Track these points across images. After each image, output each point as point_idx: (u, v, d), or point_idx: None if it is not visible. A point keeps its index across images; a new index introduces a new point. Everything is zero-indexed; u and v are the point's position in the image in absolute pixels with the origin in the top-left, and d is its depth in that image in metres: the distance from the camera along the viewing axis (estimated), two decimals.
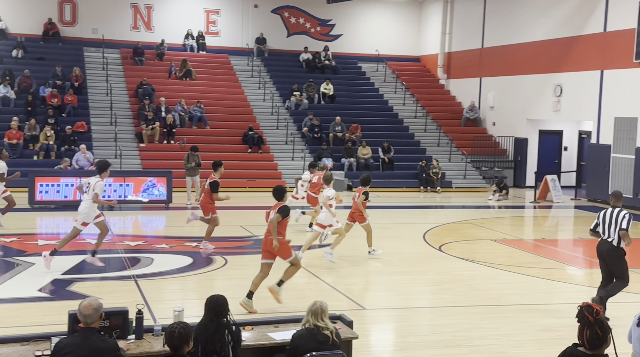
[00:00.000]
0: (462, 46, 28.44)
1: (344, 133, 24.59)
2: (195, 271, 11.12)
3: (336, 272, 11.32)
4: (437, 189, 23.00)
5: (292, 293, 9.92)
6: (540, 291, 10.45)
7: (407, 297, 10.08)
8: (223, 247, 12.96)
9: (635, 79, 19.22)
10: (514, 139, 25.04)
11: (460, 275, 11.26)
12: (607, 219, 8.98)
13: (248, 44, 29.39)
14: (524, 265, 12.11)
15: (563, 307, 9.60)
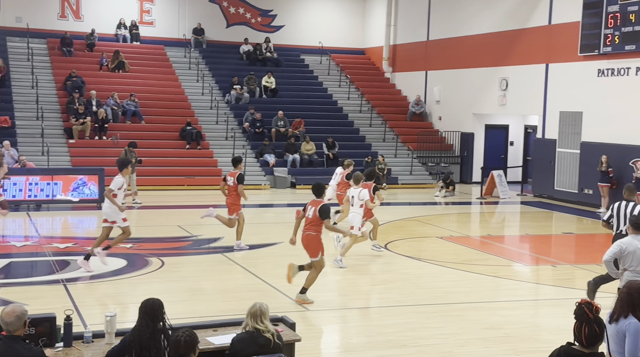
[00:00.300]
0: (407, 39, 28.79)
1: (287, 128, 24.58)
2: (130, 273, 10.93)
3: (278, 273, 11.31)
4: (382, 185, 23.20)
5: (231, 295, 9.87)
6: (486, 289, 10.68)
7: (352, 297, 10.14)
8: (159, 248, 12.78)
9: (580, 73, 19.83)
10: (460, 133, 25.51)
11: (407, 273, 11.40)
12: (622, 212, 9.45)
13: (185, 34, 29.03)
14: (471, 262, 12.35)
15: (509, 305, 9.84)
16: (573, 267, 12.39)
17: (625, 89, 18.25)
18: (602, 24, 18.68)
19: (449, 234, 15.21)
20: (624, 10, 18.04)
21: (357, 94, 28.40)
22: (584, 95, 19.74)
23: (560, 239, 15.72)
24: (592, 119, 19.52)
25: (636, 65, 17.93)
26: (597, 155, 18.75)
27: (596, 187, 18.84)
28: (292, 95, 27.25)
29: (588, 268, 11.85)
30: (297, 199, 21.01)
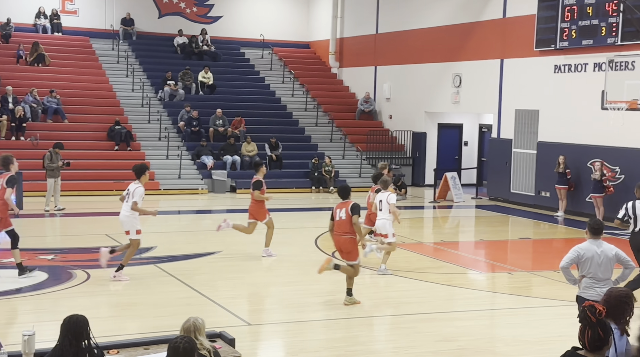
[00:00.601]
0: (355, 32, 28.99)
1: (226, 127, 24.44)
2: (52, 288, 10.68)
3: (217, 284, 11.23)
4: (330, 189, 23.31)
5: (165, 310, 9.74)
6: (440, 298, 10.82)
7: (297, 309, 10.13)
8: (85, 260, 12.53)
9: (536, 69, 20.30)
10: (411, 133, 25.81)
11: (355, 283, 11.44)
12: (638, 212, 10.09)
13: (112, 25, 28.57)
14: (423, 270, 12.49)
15: (464, 316, 9.98)
16: (530, 274, 12.66)
17: (582, 86, 18.76)
18: (558, 18, 19.16)
19: (400, 241, 15.32)
20: (580, 3, 18.55)
21: (302, 90, 28.45)
22: (541, 93, 20.21)
23: (517, 245, 16.05)
24: (549, 118, 20.00)
25: (594, 61, 18.45)
26: (554, 156, 19.22)
27: (554, 190, 19.30)
28: (231, 92, 27.10)
29: (545, 275, 12.13)
30: (237, 204, 20.90)
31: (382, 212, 12.09)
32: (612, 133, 17.49)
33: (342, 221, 9.96)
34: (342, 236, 10.00)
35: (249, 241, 14.97)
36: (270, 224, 13.25)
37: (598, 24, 18.10)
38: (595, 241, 7.26)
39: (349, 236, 9.99)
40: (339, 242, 10.08)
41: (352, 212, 9.88)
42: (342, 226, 9.99)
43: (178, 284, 11.06)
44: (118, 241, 14.19)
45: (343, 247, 10.06)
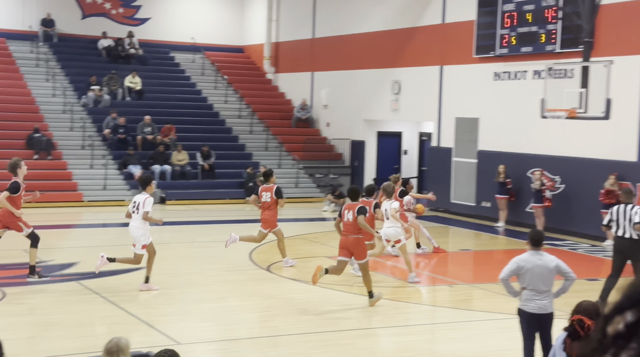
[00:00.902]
0: (291, 36, 29.06)
1: (155, 135, 24.15)
2: None
3: (146, 301, 11.06)
4: None
5: (88, 329, 9.55)
6: (379, 313, 10.89)
7: (230, 327, 10.06)
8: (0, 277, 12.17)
9: (476, 76, 20.73)
10: (350, 141, 25.98)
11: (292, 299, 11.44)
12: (622, 215, 10.69)
13: (31, 26, 27.95)
14: (361, 284, 12.54)
15: (404, 331, 10.08)
16: (470, 286, 12.87)
17: (522, 93, 19.23)
18: (497, 24, 19.62)
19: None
20: (520, 9, 19.04)
21: (236, 97, 28.34)
22: (480, 101, 20.63)
23: (457, 257, 16.29)
24: (489, 126, 20.43)
25: (533, 68, 18.94)
26: (494, 165, 19.61)
27: (494, 200, 19.69)
28: (160, 98, 26.81)
29: (486, 287, 12.35)
30: (168, 216, 20.65)
31: (390, 220, 12.68)
32: (552, 142, 17.97)
33: (350, 222, 10.80)
34: (350, 236, 10.82)
35: (179, 255, 14.81)
36: (280, 234, 13.71)
37: (537, 31, 18.60)
38: (535, 252, 7.42)
39: (356, 236, 10.79)
40: (347, 242, 10.87)
41: (357, 213, 10.71)
42: (349, 227, 10.82)
43: (102, 302, 10.85)
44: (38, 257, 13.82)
45: (351, 247, 10.85)
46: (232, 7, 31.55)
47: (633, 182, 16.49)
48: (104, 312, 10.39)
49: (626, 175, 16.64)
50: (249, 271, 13.42)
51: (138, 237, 11.43)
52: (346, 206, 11.09)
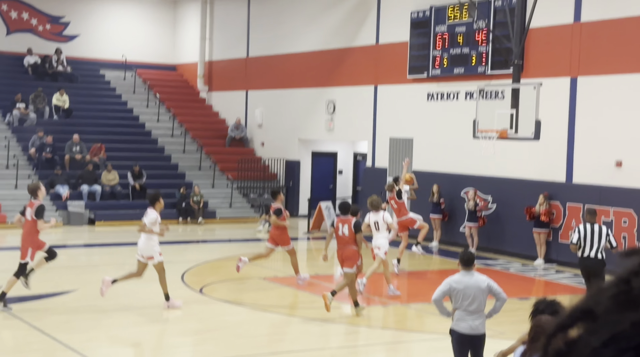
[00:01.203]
0: (225, 55, 29.00)
1: (84, 155, 23.70)
2: None
3: (72, 326, 10.78)
4: (198, 220, 23.03)
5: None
6: (314, 335, 10.87)
7: (160, 351, 9.88)
8: None
9: (410, 97, 21.03)
10: (285, 161, 25.99)
11: (225, 321, 11.33)
12: (589, 236, 11.10)
13: None
14: (297, 306, 12.53)
15: (339, 352, 10.07)
16: (404, 306, 12.96)
17: (454, 114, 19.59)
18: (430, 45, 19.99)
19: (273, 275, 15.34)
20: (452, 31, 19.45)
21: (168, 115, 28.07)
22: (414, 121, 20.93)
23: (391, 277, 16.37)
24: (423, 147, 20.72)
25: (465, 89, 19.34)
26: (428, 185, 19.88)
27: (428, 219, 19.91)
28: (90, 116, 26.36)
29: (419, 308, 12.45)
30: (97, 238, 20.26)
31: (380, 232, 13.07)
32: (484, 162, 18.33)
33: (345, 236, 11.59)
34: (346, 247, 11.60)
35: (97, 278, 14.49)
36: (293, 252, 14.01)
37: (469, 53, 19.02)
38: (467, 272, 7.53)
39: (352, 248, 11.54)
40: (344, 254, 11.65)
41: (355, 230, 11.54)
42: (345, 240, 11.64)
43: (26, 328, 10.53)
44: None
45: (345, 256, 11.57)
46: (164, 25, 31.32)
47: (562, 201, 16.94)
48: (27, 338, 10.09)
49: (555, 195, 17.08)
50: (181, 292, 13.23)
51: (149, 249, 11.78)
52: (339, 220, 11.88)
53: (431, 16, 19.91)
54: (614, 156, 16.04)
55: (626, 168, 15.84)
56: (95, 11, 29.83)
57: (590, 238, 11.09)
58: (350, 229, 11.53)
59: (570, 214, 16.80)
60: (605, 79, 16.31)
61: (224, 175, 25.77)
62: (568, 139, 17.01)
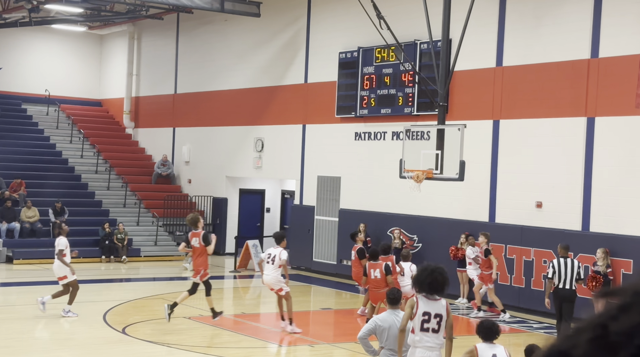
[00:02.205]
0: (152, 91, 28.84)
1: (3, 190, 23.10)
2: None
3: None
4: (122, 258, 22.64)
5: None
6: None
7: None
8: None
9: (338, 136, 21.29)
10: (212, 198, 25.87)
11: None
12: (563, 269, 12.38)
13: None
14: (222, 345, 12.43)
15: None
16: (331, 346, 13.00)
17: (382, 153, 19.92)
18: (358, 86, 20.35)
19: (198, 314, 15.18)
20: (379, 72, 19.87)
21: (93, 151, 27.66)
22: (342, 160, 21.18)
23: (319, 316, 16.45)
24: (351, 185, 20.96)
25: (392, 129, 19.71)
26: (356, 223, 20.06)
27: None
28: (10, 151, 25.77)
29: (347, 347, 12.51)
30: (14, 276, 19.68)
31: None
32: (410, 201, 18.65)
33: (378, 279, 12.99)
34: (380, 291, 12.58)
35: (25, 317, 14.11)
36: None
37: (395, 94, 19.44)
38: (393, 311, 7.64)
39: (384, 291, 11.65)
40: (378, 297, 12.84)
41: (385, 272, 13.06)
42: (378, 283, 12.97)
43: None
44: None
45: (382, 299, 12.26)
46: (90, 60, 31.01)
47: None
48: None
49: (478, 235, 17.46)
50: (102, 332, 12.95)
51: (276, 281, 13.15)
52: (370, 265, 13.36)
53: (359, 57, 20.32)
54: (535, 197, 16.56)
55: (546, 209, 16.36)
56: (18, 44, 29.33)
57: (565, 271, 12.35)
58: (382, 272, 13.05)
59: (493, 253, 17.19)
60: (525, 123, 16.89)
61: (150, 212, 25.46)
62: (491, 179, 17.49)
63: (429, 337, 7.24)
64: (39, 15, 24.72)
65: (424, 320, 7.24)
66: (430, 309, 7.28)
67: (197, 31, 26.67)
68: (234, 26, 25.03)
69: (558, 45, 16.27)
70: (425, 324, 7.25)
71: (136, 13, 25.52)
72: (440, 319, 7.31)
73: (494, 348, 7.10)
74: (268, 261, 13.36)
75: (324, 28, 21.88)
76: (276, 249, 13.38)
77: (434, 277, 7.27)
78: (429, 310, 7.28)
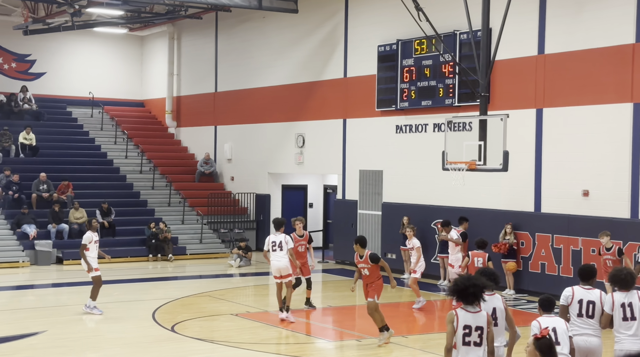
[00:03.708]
0: (193, 90, 29.05)
1: (51, 193, 23.49)
2: None
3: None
4: (168, 256, 22.87)
5: None
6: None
7: None
8: None
9: (379, 129, 21.20)
10: (255, 195, 25.98)
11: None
12: None
13: None
14: (270, 341, 12.47)
15: None
16: (379, 340, 12.93)
17: (423, 146, 19.78)
18: (397, 78, 20.23)
19: (245, 310, 15.27)
20: (418, 64, 19.71)
21: (137, 151, 27.97)
22: (384, 153, 21.09)
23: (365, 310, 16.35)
24: (393, 178, 20.86)
25: (433, 121, 19.57)
26: (399, 217, 19.98)
27: (399, 251, 20.01)
28: (57, 154, 26.18)
29: (394, 341, 12.45)
30: (65, 277, 20.02)
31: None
32: (454, 193, 18.49)
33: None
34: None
35: (77, 317, 14.33)
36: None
37: (436, 85, 19.28)
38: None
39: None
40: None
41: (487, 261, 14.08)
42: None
43: None
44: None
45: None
46: (131, 62, 31.35)
47: (530, 232, 17.12)
48: None
49: (524, 225, 17.27)
50: (151, 331, 13.10)
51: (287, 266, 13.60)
52: (473, 253, 14.25)
53: (398, 49, 20.18)
54: (581, 186, 16.29)
55: (593, 197, 16.09)
56: (61, 49, 29.77)
57: None
58: (485, 261, 13.82)
59: (539, 243, 16.98)
60: (570, 110, 16.61)
61: (194, 210, 25.67)
62: (535, 169, 17.25)
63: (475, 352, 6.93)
64: (80, 19, 25.04)
65: (465, 334, 6.92)
66: (471, 322, 6.94)
67: (235, 29, 26.78)
68: (272, 23, 25.07)
69: (601, 31, 15.96)
70: (466, 338, 6.93)
71: (175, 13, 25.71)
72: (482, 331, 6.96)
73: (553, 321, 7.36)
74: (275, 248, 13.72)
75: (362, 21, 21.79)
76: (278, 235, 13.84)
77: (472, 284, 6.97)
78: (470, 323, 6.94)
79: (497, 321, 7.55)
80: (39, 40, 28.32)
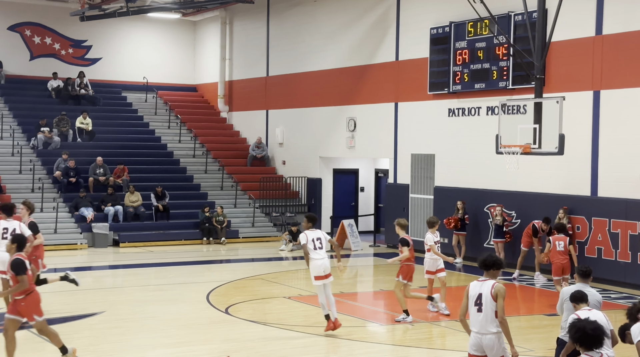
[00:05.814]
0: (244, 74, 29.19)
1: (107, 177, 23.91)
2: None
3: (99, 348, 10.85)
4: (221, 240, 23.11)
5: None
6: (340, 354, 10.85)
7: None
8: None
9: (431, 113, 21.03)
10: (306, 179, 26.06)
11: (251, 341, 11.35)
12: None
13: None
14: (322, 324, 12.50)
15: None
16: (431, 324, 12.91)
17: (476, 129, 19.56)
18: (450, 61, 20.00)
19: (297, 293, 15.35)
20: (471, 46, 19.46)
21: (190, 136, 28.27)
22: (436, 137, 20.91)
23: None
24: (445, 162, 20.69)
25: (487, 104, 19.32)
26: (451, 201, 19.82)
27: (451, 236, 19.86)
28: (112, 139, 26.61)
29: (447, 325, 12.39)
30: (121, 259, 20.40)
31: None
32: (507, 177, 18.26)
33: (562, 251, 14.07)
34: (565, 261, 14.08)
35: (133, 299, 14.60)
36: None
37: (489, 68, 19.01)
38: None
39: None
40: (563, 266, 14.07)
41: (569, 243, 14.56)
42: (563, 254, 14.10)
43: (54, 351, 10.60)
44: None
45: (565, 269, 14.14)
46: (184, 47, 31.62)
47: (587, 216, 16.82)
48: None
49: (580, 210, 16.98)
50: (206, 312, 13.28)
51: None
52: (554, 237, 14.23)
53: (451, 32, 19.95)
54: (639, 169, 15.93)
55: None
56: (116, 34, 30.19)
57: None
58: (566, 245, 14.20)
59: (595, 228, 16.69)
60: (628, 92, 16.23)
61: (246, 194, 25.86)
62: (592, 152, 16.92)
63: None
64: (135, 4, 25.34)
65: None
66: None
67: (287, 13, 26.79)
68: (323, 7, 25.00)
69: None
70: None
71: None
72: None
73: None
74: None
75: (414, 4, 21.58)
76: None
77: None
78: None
79: (482, 307, 7.49)
80: (94, 26, 28.77)
